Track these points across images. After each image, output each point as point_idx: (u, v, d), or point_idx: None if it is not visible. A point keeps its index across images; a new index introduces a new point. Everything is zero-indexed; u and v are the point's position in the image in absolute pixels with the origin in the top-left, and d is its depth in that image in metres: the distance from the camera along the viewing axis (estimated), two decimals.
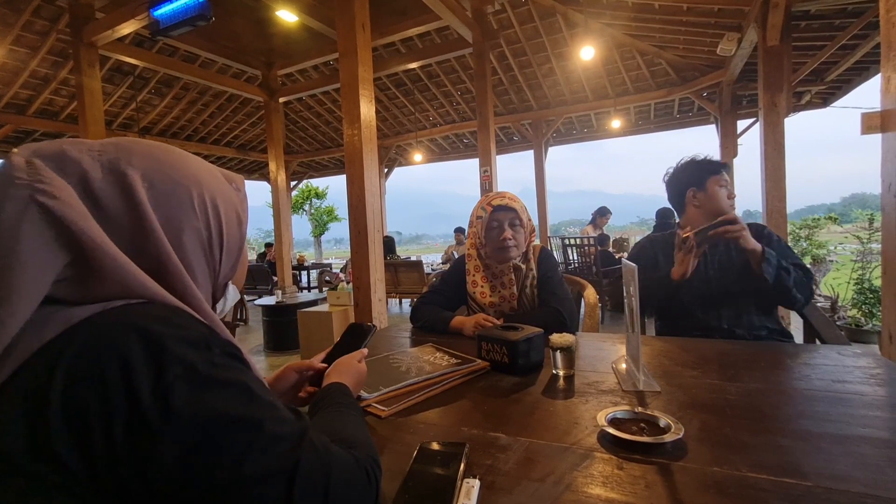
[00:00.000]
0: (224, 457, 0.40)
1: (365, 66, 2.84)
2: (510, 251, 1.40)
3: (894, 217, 1.69)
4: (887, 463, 0.59)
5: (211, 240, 0.53)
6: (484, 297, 1.45)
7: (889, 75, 1.69)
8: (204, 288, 0.53)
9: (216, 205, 0.54)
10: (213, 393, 0.41)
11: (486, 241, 1.43)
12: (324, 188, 18.09)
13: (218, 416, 0.40)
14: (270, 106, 6.48)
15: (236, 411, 0.42)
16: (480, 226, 1.43)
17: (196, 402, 0.40)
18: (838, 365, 0.97)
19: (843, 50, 4.63)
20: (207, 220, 0.52)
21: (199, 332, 0.44)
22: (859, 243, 4.28)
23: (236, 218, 0.57)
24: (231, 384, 0.43)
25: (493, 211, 1.42)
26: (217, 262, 0.55)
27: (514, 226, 1.42)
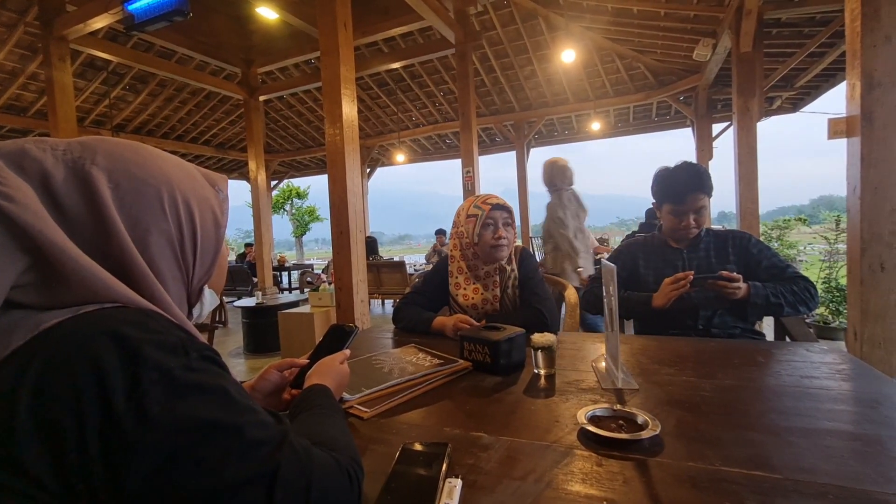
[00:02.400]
0: (203, 464, 0.39)
1: (347, 65, 2.83)
2: (503, 250, 1.42)
3: (859, 219, 1.76)
4: (851, 455, 0.61)
5: (182, 242, 0.52)
6: (467, 299, 1.46)
7: (854, 82, 1.77)
8: (175, 292, 0.52)
9: (189, 206, 0.52)
10: (191, 399, 0.40)
11: (480, 240, 1.42)
12: (305, 188, 17.88)
13: (196, 423, 0.40)
14: (250, 104, 6.37)
15: (215, 417, 0.41)
16: (474, 224, 1.42)
17: (173, 408, 0.39)
18: (806, 361, 1.00)
19: (812, 57, 4.81)
20: (179, 222, 0.51)
21: (175, 337, 0.43)
22: (827, 244, 4.45)
23: (213, 220, 0.56)
24: (209, 389, 0.42)
25: (491, 209, 1.42)
26: (190, 265, 0.53)
27: (507, 225, 1.44)
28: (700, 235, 1.55)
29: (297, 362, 0.82)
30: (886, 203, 1.71)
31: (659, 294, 1.43)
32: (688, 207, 1.49)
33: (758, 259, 1.48)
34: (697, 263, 1.52)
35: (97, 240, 0.45)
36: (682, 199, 1.49)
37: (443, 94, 7.65)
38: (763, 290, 1.36)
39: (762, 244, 1.54)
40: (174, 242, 0.51)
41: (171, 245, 0.50)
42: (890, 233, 1.71)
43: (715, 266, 1.49)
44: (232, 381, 0.46)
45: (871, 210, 1.73)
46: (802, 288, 1.38)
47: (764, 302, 1.36)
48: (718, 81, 5.76)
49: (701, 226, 1.53)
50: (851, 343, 1.84)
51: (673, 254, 1.58)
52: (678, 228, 1.53)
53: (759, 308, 1.38)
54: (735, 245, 1.52)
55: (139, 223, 0.48)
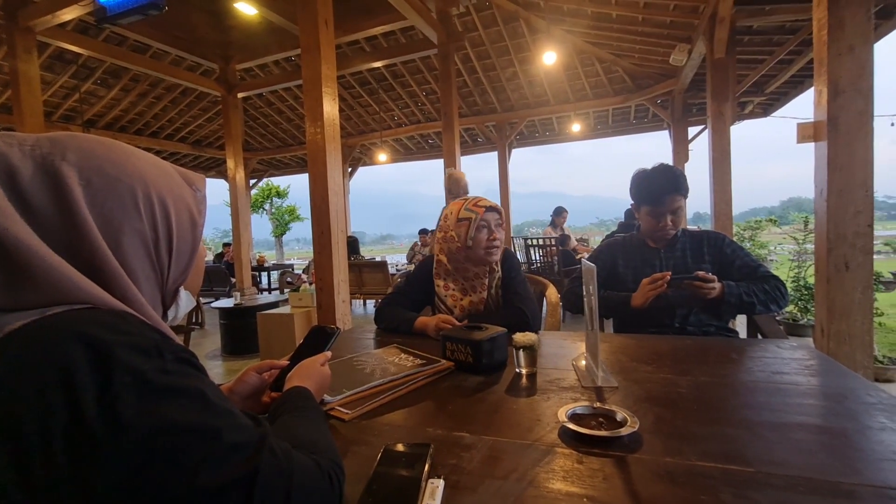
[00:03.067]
0: (178, 469, 0.38)
1: (328, 63, 2.80)
2: (496, 253, 1.42)
3: (825, 220, 1.83)
4: (819, 447, 0.64)
5: (157, 242, 0.50)
6: (455, 300, 1.45)
7: (821, 89, 1.84)
8: (149, 293, 0.50)
9: (165, 205, 0.51)
10: (166, 402, 0.39)
11: (475, 243, 1.40)
12: (285, 187, 17.62)
13: (171, 427, 0.39)
14: (228, 101, 6.24)
15: (191, 420, 0.40)
16: (467, 227, 1.40)
17: (147, 412, 0.38)
18: (777, 358, 1.04)
19: (781, 64, 4.98)
20: (154, 221, 0.50)
21: (149, 339, 0.42)
22: (796, 244, 4.61)
23: (189, 219, 0.54)
24: (185, 392, 0.41)
25: (485, 212, 1.42)
26: (165, 265, 0.52)
27: (499, 227, 1.44)
28: (677, 236, 1.59)
29: (277, 364, 0.81)
30: (850, 205, 1.78)
31: (637, 294, 1.46)
32: (665, 209, 1.53)
33: (731, 259, 1.52)
34: (674, 263, 1.56)
35: (66, 238, 0.43)
36: (659, 201, 1.53)
37: (425, 94, 7.64)
38: (736, 290, 1.40)
39: (735, 244, 1.58)
40: (148, 242, 0.49)
41: (145, 245, 0.49)
42: (854, 234, 1.78)
43: (691, 265, 1.53)
44: (209, 383, 0.45)
45: (837, 212, 1.80)
46: (773, 287, 1.42)
47: (737, 301, 1.40)
48: (693, 86, 5.91)
49: (677, 226, 1.57)
50: (819, 339, 1.91)
51: (651, 253, 1.61)
52: (656, 229, 1.56)
53: (733, 307, 1.43)
54: (710, 245, 1.56)
55: (111, 222, 0.46)
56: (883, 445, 0.63)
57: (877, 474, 0.56)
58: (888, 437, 0.65)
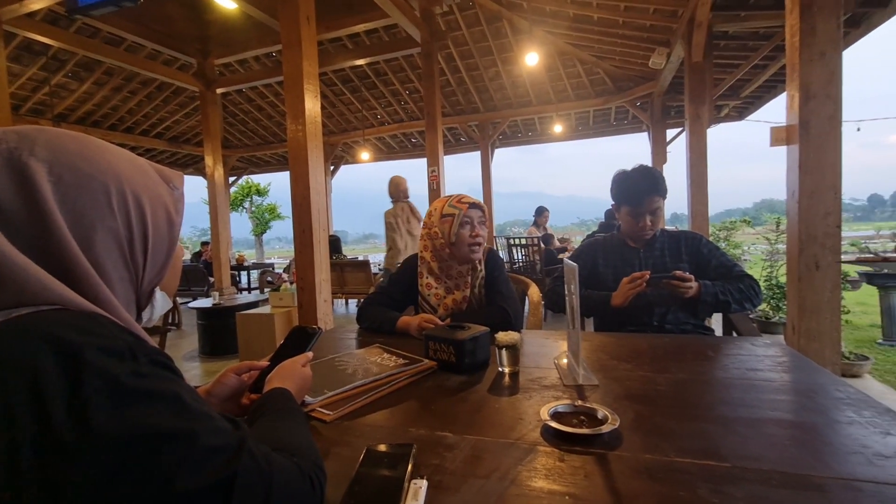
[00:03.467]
0: (153, 475, 0.37)
1: (310, 59, 2.76)
2: (479, 249, 1.43)
3: (797, 221, 1.89)
4: (791, 442, 0.66)
5: (132, 241, 0.49)
6: (439, 298, 1.45)
7: (793, 94, 1.89)
8: (123, 293, 0.49)
9: (140, 202, 0.49)
10: (140, 406, 0.38)
11: (458, 239, 1.41)
12: (265, 185, 17.34)
13: (146, 432, 0.37)
14: (207, 97, 6.10)
15: (167, 424, 0.39)
16: (451, 223, 1.41)
17: (120, 417, 0.37)
18: (751, 355, 1.07)
19: (756, 69, 5.12)
20: (128, 219, 0.48)
21: (121, 341, 0.41)
22: (768, 244, 4.75)
23: (166, 218, 0.53)
24: (160, 395, 0.40)
25: (468, 208, 1.43)
26: (140, 265, 0.50)
27: (482, 223, 1.46)
28: (656, 236, 1.62)
29: (257, 365, 0.79)
30: (821, 207, 1.84)
31: (618, 293, 1.49)
32: (644, 209, 1.56)
33: (707, 258, 1.56)
34: (653, 262, 1.59)
35: (34, 237, 0.42)
36: (638, 202, 1.56)
37: (408, 93, 7.61)
38: (713, 289, 1.43)
39: (712, 244, 1.62)
40: (122, 241, 0.48)
41: (119, 244, 0.47)
42: (824, 234, 1.85)
43: (669, 265, 1.56)
44: (185, 386, 0.44)
45: (808, 213, 1.86)
46: (748, 286, 1.46)
47: (713, 300, 1.43)
48: (672, 89, 6.03)
49: (656, 226, 1.60)
50: (790, 336, 1.97)
51: (630, 253, 1.64)
52: (635, 229, 1.59)
53: (709, 305, 1.46)
54: (687, 245, 1.60)
55: (83, 220, 0.44)
56: (851, 439, 0.66)
57: (845, 467, 0.58)
58: (855, 430, 0.68)
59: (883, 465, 0.58)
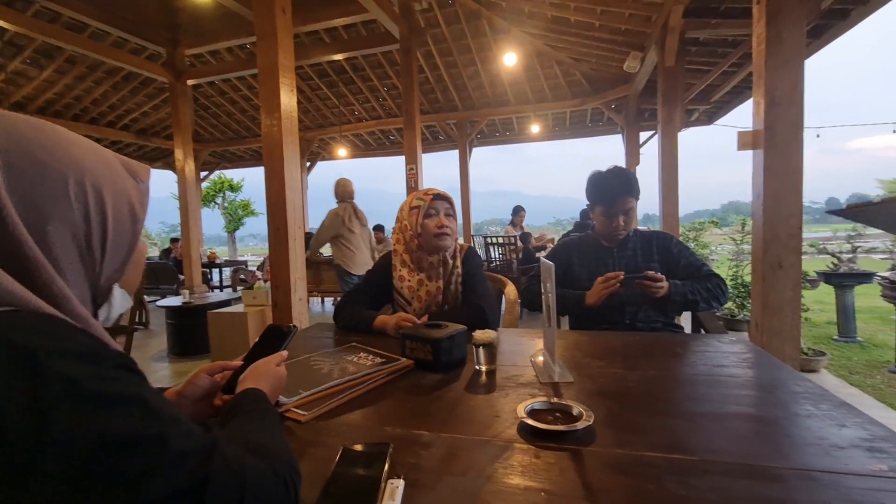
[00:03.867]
0: (119, 483, 0.36)
1: (285, 52, 2.70)
2: (446, 239, 1.43)
3: (762, 222, 1.97)
4: (754, 435, 0.69)
5: (90, 234, 0.47)
6: (411, 290, 1.46)
7: (759, 100, 1.97)
8: (79, 290, 0.47)
9: (101, 194, 0.47)
10: (104, 412, 0.37)
11: (423, 230, 1.43)
12: (239, 180, 16.91)
13: (110, 438, 0.36)
14: (177, 88, 5.90)
15: (132, 429, 0.37)
16: (417, 214, 1.44)
17: (82, 425, 0.35)
18: (717, 351, 1.11)
19: (725, 74, 5.30)
20: (86, 211, 0.46)
21: (83, 343, 0.39)
22: (734, 244, 4.93)
23: (129, 212, 0.51)
24: (125, 399, 0.39)
25: (433, 200, 1.45)
26: (97, 260, 0.48)
27: (449, 215, 1.47)
28: (629, 236, 1.66)
29: (230, 365, 0.77)
30: (784, 209, 1.93)
31: (592, 292, 1.52)
32: (618, 209, 1.59)
33: (677, 258, 1.61)
34: (626, 262, 1.63)
35: None
36: (612, 202, 1.59)
37: (386, 90, 7.55)
38: (682, 289, 1.48)
39: (682, 244, 1.67)
40: (79, 233, 0.46)
41: (75, 236, 0.45)
42: (787, 235, 1.93)
43: (641, 264, 1.60)
44: (151, 389, 0.42)
45: (772, 215, 1.94)
46: (715, 285, 1.52)
47: (682, 299, 1.48)
48: (646, 92, 6.18)
49: (629, 226, 1.64)
50: (754, 334, 2.06)
51: (605, 253, 1.67)
52: (609, 229, 1.63)
53: (679, 304, 1.51)
54: (658, 245, 1.64)
55: (36, 209, 0.42)
56: (809, 431, 0.69)
57: (802, 458, 0.61)
58: (813, 423, 0.71)
59: (838, 456, 0.61)
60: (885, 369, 3.17)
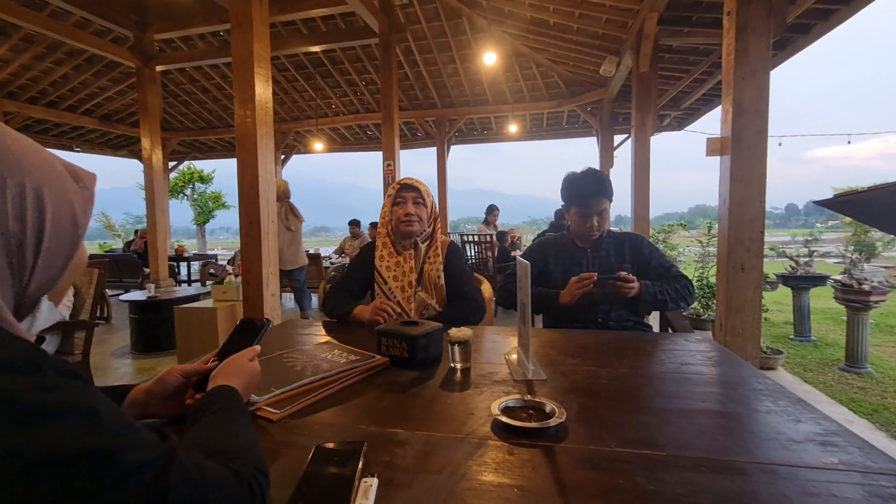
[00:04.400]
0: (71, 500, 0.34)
1: (261, 42, 2.63)
2: (413, 225, 1.53)
3: (727, 226, 2.05)
4: (718, 431, 0.71)
5: (22, 239, 0.43)
6: (389, 270, 1.56)
7: (727, 108, 2.04)
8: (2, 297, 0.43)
9: (41, 198, 0.44)
10: (47, 426, 0.34)
11: (393, 216, 1.55)
12: (209, 171, 16.41)
13: (56, 455, 0.33)
14: (144, 74, 5.67)
15: (80, 443, 0.35)
16: (389, 202, 1.58)
17: (21, 442, 0.32)
18: (685, 350, 1.15)
19: (696, 82, 5.47)
20: (22, 215, 0.42)
21: (19, 352, 0.36)
22: (701, 247, 5.11)
23: (70, 220, 0.47)
24: (71, 410, 0.36)
25: (400, 189, 1.57)
26: (28, 268, 0.44)
27: (417, 203, 1.55)
28: (602, 236, 1.69)
29: (203, 369, 0.74)
30: (748, 214, 2.01)
31: (566, 291, 1.55)
32: (591, 210, 1.63)
33: (648, 259, 1.65)
34: (599, 262, 1.66)
35: None
36: (586, 203, 1.62)
37: (365, 84, 7.46)
38: (652, 289, 1.53)
39: (652, 246, 1.72)
40: (9, 238, 0.42)
41: (6, 241, 0.42)
42: (749, 239, 2.01)
43: (614, 265, 1.64)
44: (101, 397, 0.39)
45: (736, 219, 2.02)
46: (683, 286, 1.57)
47: (653, 299, 1.53)
48: (620, 97, 6.32)
49: (603, 227, 1.67)
50: (717, 333, 2.14)
51: (579, 253, 1.71)
52: (583, 229, 1.66)
53: (649, 304, 1.55)
54: (630, 246, 1.69)
55: None
56: (768, 427, 0.72)
57: (762, 452, 0.64)
58: (772, 419, 0.75)
59: (794, 450, 0.64)
60: (836, 367, 3.36)
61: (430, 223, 1.59)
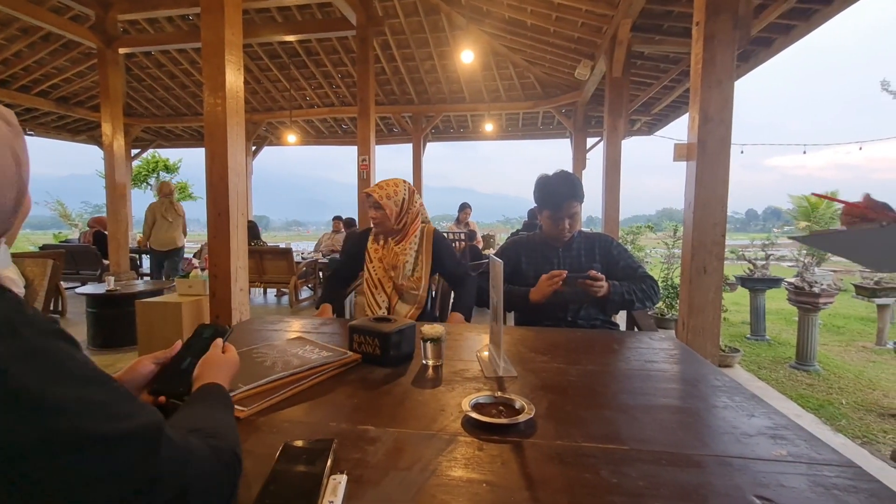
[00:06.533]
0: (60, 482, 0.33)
1: (233, 28, 2.55)
2: (378, 225, 1.81)
3: (691, 229, 2.13)
4: (678, 426, 0.74)
5: None
6: (376, 252, 1.84)
7: (694, 115, 2.11)
8: None
9: None
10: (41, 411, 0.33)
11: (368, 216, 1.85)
12: (175, 161, 15.78)
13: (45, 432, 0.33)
14: (106, 56, 5.39)
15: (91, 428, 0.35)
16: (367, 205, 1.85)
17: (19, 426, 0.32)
18: (649, 348, 1.19)
19: (665, 89, 5.64)
20: None
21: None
22: (666, 248, 5.29)
23: (12, 158, 0.46)
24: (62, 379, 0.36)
25: (367, 196, 1.81)
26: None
27: (377, 207, 1.77)
28: (574, 237, 1.73)
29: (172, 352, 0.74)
30: (711, 218, 2.09)
31: (536, 289, 1.57)
32: (563, 213, 1.66)
33: (616, 260, 1.70)
34: (570, 262, 1.70)
35: None
36: (558, 206, 1.66)
37: (341, 77, 7.33)
38: (620, 289, 1.57)
39: (621, 247, 1.77)
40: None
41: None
42: (712, 242, 2.09)
43: (584, 264, 1.68)
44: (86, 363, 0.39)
45: (700, 223, 2.10)
46: (648, 286, 1.62)
47: (620, 299, 1.57)
48: (594, 100, 6.45)
49: (574, 229, 1.71)
50: (680, 332, 2.22)
51: (551, 252, 1.74)
52: (555, 231, 1.69)
53: (617, 304, 1.60)
54: (600, 247, 1.73)
55: None
56: (725, 421, 0.76)
57: (718, 445, 0.68)
58: (728, 414, 0.79)
59: (748, 443, 0.68)
60: (787, 365, 3.55)
61: (398, 221, 1.78)
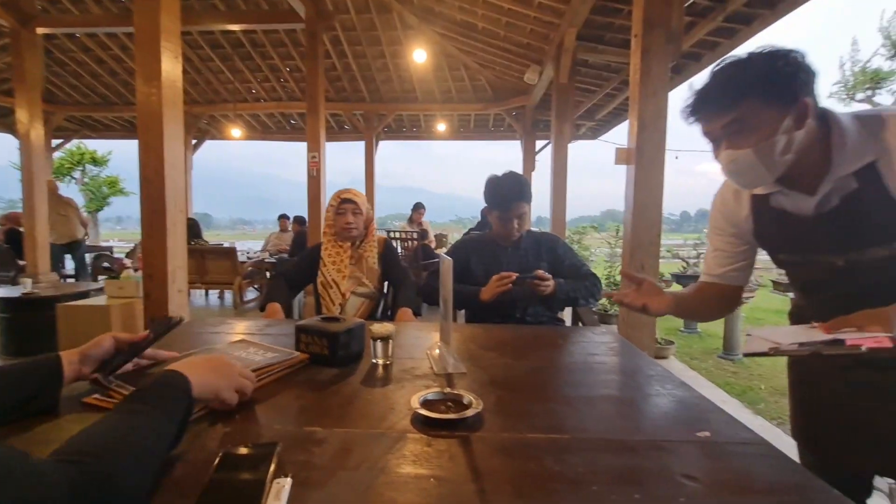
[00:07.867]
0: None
1: (170, 14, 2.39)
2: (351, 231, 1.81)
3: (630, 229, 2.25)
4: (616, 415, 0.79)
5: None
6: (330, 257, 1.84)
7: (633, 122, 2.24)
8: None
9: None
10: None
11: (335, 222, 1.82)
12: (104, 153, 14.60)
13: None
14: (21, 36, 4.89)
15: None
16: (332, 211, 1.83)
17: None
18: (591, 342, 1.25)
19: (608, 96, 5.94)
20: None
21: None
22: (609, 248, 5.57)
23: None
24: None
25: (342, 202, 1.81)
26: None
27: (356, 213, 1.81)
28: (522, 237, 1.78)
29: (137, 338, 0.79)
30: (648, 219, 2.23)
31: (487, 289, 1.61)
32: (511, 214, 1.70)
33: (562, 259, 1.77)
34: (518, 260, 1.75)
35: None
36: (506, 207, 1.70)
37: (289, 71, 7.09)
38: (565, 287, 1.64)
39: (567, 246, 1.84)
40: None
41: None
42: (649, 242, 2.23)
43: (531, 263, 1.74)
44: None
45: (639, 223, 2.23)
46: (591, 284, 1.70)
47: (565, 296, 1.64)
48: (542, 104, 6.66)
49: (522, 229, 1.76)
50: (621, 326, 2.35)
51: (500, 251, 1.78)
52: (503, 231, 1.74)
53: (562, 301, 1.67)
54: (546, 246, 1.79)
55: None
56: (658, 408, 0.81)
57: (652, 431, 0.72)
58: (661, 401, 0.84)
59: (676, 427, 0.73)
60: (716, 355, 3.85)
61: (365, 226, 1.86)
